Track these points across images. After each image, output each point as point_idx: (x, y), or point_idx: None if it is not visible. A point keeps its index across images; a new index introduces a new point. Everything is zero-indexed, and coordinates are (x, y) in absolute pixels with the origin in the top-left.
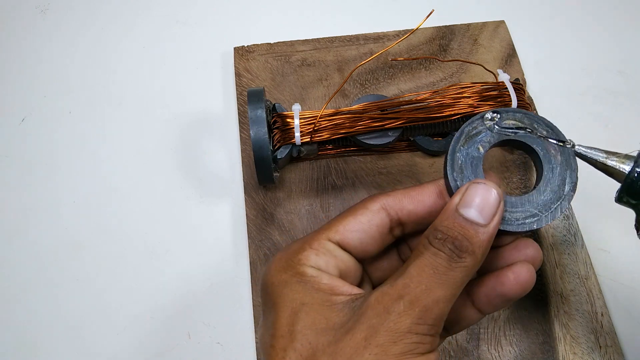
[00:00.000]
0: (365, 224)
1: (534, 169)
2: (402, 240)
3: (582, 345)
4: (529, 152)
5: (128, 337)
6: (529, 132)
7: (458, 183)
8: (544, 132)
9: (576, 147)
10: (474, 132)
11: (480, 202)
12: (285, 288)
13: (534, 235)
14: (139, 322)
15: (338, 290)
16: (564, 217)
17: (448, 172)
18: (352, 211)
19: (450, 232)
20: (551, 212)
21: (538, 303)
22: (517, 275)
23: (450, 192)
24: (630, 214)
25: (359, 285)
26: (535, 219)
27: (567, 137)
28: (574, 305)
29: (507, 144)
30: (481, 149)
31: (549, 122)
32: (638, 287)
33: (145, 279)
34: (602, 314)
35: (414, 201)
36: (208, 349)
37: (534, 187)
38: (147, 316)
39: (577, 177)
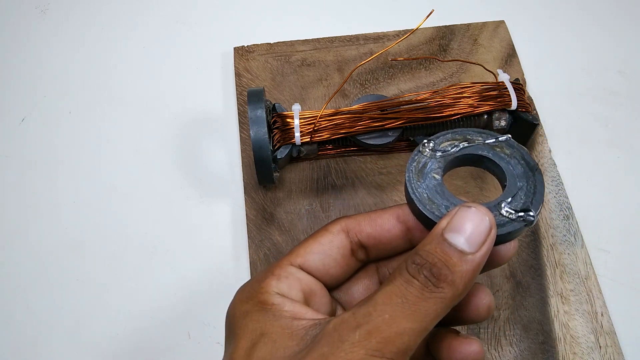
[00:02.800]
0: (325, 245)
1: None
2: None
3: (582, 345)
4: (484, 164)
5: (128, 337)
6: (470, 144)
7: (437, 213)
8: (480, 138)
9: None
10: (421, 165)
11: (470, 227)
12: (246, 318)
13: (533, 237)
14: (139, 322)
15: (300, 316)
16: (564, 217)
17: (420, 208)
18: (314, 235)
19: (430, 258)
20: (522, 217)
21: (538, 303)
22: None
23: (430, 225)
24: (630, 214)
25: (331, 314)
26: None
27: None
28: (574, 305)
29: (459, 163)
30: (437, 177)
31: (479, 129)
32: (638, 287)
33: (145, 279)
34: (602, 314)
35: (372, 224)
36: (208, 349)
37: (502, 193)
38: (147, 316)
39: (539, 179)
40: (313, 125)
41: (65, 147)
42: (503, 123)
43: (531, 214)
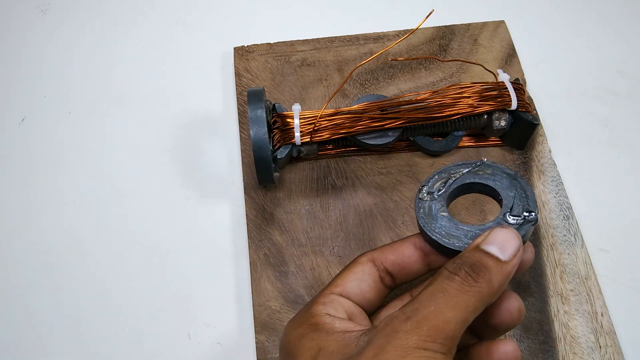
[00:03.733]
0: (358, 273)
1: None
2: None
3: (582, 345)
4: (476, 188)
5: (128, 337)
6: (456, 178)
7: (458, 243)
8: (463, 169)
9: (484, 160)
10: (427, 209)
11: (502, 241)
12: (302, 340)
13: (533, 237)
14: (139, 322)
15: (350, 329)
16: (564, 217)
17: (443, 244)
18: (347, 267)
19: (469, 259)
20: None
21: (538, 303)
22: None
23: (456, 254)
24: (630, 214)
25: None
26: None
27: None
28: (574, 305)
29: (456, 195)
30: (444, 214)
31: (456, 162)
32: (638, 287)
33: (145, 278)
34: (602, 314)
35: (394, 252)
36: (208, 349)
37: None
38: (147, 316)
39: (529, 194)
40: (313, 125)
41: (65, 147)
42: (503, 123)
43: (533, 213)
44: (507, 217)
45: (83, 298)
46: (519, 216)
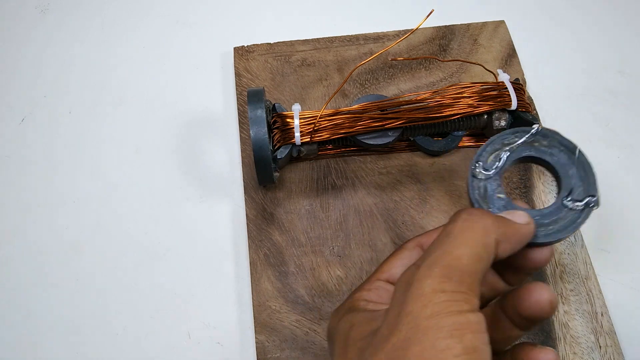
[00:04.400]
0: (405, 259)
1: (534, 172)
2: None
3: (582, 345)
4: (533, 161)
5: (128, 337)
6: (511, 150)
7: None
8: (517, 139)
9: (539, 127)
10: (482, 191)
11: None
12: (340, 322)
13: None
14: (139, 322)
15: (382, 308)
16: None
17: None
18: (394, 253)
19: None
20: (574, 224)
21: None
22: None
23: None
24: (630, 214)
25: None
26: (560, 228)
27: (536, 126)
28: (574, 305)
29: (511, 167)
30: (502, 196)
31: (510, 130)
32: (638, 287)
33: (145, 279)
34: (602, 314)
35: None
36: (208, 349)
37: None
38: (147, 316)
39: (592, 177)
40: (313, 125)
41: (65, 147)
42: (503, 123)
43: (594, 198)
44: (567, 203)
45: (83, 298)
46: (581, 201)
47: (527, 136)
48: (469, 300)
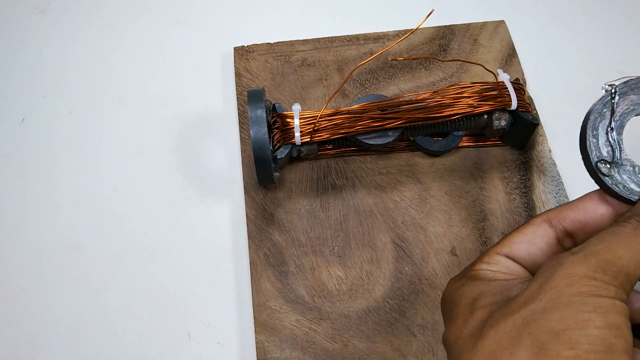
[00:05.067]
0: (529, 235)
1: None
2: None
3: None
4: None
5: (128, 337)
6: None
7: None
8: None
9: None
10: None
11: None
12: (463, 287)
13: None
14: (139, 322)
15: (513, 279)
16: None
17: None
18: (518, 228)
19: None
20: None
21: None
22: None
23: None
24: None
25: None
26: None
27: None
28: None
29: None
30: (628, 158)
31: (597, 104)
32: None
33: (145, 278)
34: None
35: (575, 209)
36: (208, 349)
37: None
38: (147, 316)
39: None
40: (313, 125)
41: (65, 147)
42: (503, 123)
43: None
44: None
45: (83, 298)
46: None
47: (608, 101)
48: (619, 293)
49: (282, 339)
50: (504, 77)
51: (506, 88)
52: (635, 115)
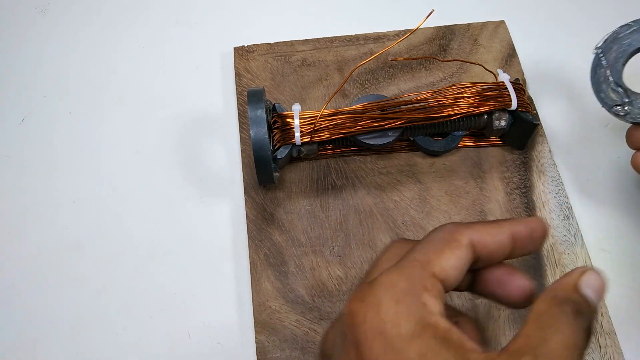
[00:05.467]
0: (462, 260)
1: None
2: None
3: None
4: None
5: (128, 337)
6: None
7: None
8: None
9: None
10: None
11: (596, 284)
12: (425, 353)
13: None
14: (139, 322)
15: (478, 350)
16: (564, 217)
17: None
18: (447, 245)
19: (573, 298)
20: None
21: None
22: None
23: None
24: (630, 213)
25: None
26: None
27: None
28: None
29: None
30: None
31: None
32: (638, 287)
33: (145, 278)
34: (602, 314)
35: (493, 239)
36: (208, 349)
37: None
38: (147, 316)
39: None
40: (313, 125)
41: (65, 147)
42: (503, 123)
43: None
44: None
45: (83, 298)
46: None
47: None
48: None
49: (282, 339)
50: (504, 77)
51: (506, 88)
52: (625, 60)
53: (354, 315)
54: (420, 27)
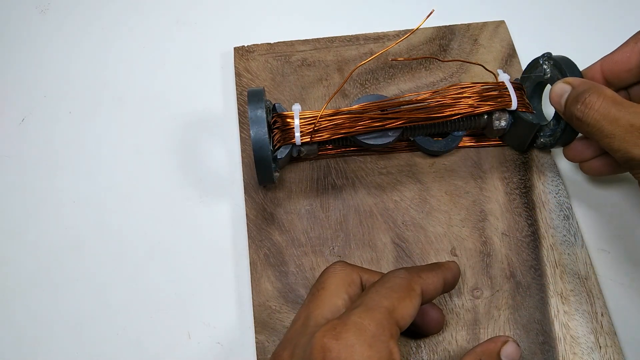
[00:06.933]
0: (417, 307)
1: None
2: None
3: (582, 345)
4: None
5: (128, 337)
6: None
7: None
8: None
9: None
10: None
11: (513, 354)
12: None
13: (533, 237)
14: (139, 322)
15: None
16: (564, 217)
17: None
18: (406, 292)
19: None
20: None
21: (538, 303)
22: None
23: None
24: (630, 213)
25: None
26: None
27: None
28: (574, 305)
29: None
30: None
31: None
32: (638, 287)
33: (145, 278)
34: (602, 314)
35: (434, 287)
36: (208, 349)
37: None
38: (147, 316)
39: None
40: (313, 125)
41: (65, 147)
42: (503, 123)
43: None
44: None
45: (83, 298)
46: None
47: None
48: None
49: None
50: (504, 77)
51: (506, 88)
52: (538, 83)
53: (327, 351)
54: (421, 27)
